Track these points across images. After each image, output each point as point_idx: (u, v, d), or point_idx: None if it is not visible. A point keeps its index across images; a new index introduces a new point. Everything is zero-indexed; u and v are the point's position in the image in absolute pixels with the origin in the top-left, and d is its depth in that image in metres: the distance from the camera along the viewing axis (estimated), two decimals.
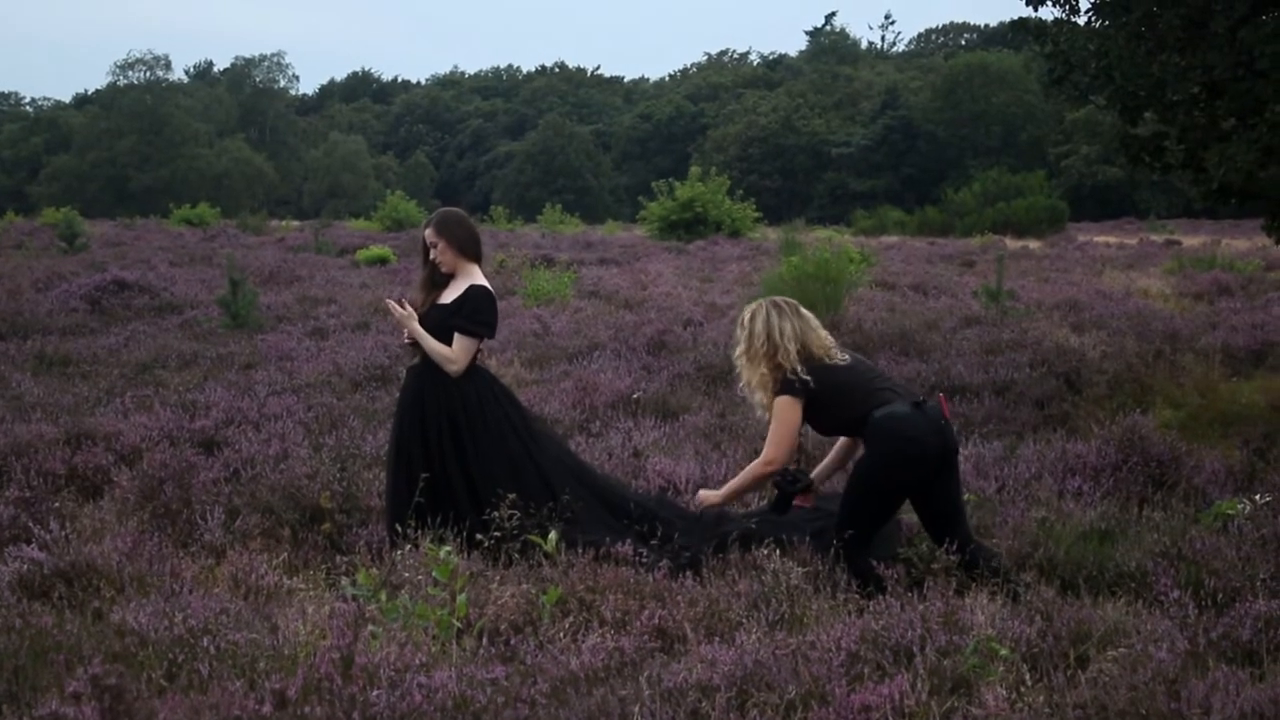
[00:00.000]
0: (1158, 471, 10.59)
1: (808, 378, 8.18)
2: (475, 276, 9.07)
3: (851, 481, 8.25)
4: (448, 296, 9.06)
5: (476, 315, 8.92)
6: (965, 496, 9.17)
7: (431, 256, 9.13)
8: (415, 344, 9.03)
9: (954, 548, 7.95)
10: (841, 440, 8.76)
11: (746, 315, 8.51)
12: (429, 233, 9.14)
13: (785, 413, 8.18)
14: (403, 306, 9.06)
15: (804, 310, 8.57)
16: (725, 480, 10.37)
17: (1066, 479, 10.48)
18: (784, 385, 8.20)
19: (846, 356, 8.50)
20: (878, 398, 8.14)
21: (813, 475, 8.83)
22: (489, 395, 9.00)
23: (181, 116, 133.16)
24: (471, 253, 9.13)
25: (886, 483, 8.04)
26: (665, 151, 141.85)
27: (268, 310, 23.38)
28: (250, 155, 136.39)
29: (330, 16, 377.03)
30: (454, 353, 8.87)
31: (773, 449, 8.25)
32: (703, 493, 8.98)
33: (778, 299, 8.62)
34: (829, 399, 8.22)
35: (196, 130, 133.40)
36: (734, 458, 11.46)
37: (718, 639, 6.86)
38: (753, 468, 8.48)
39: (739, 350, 8.48)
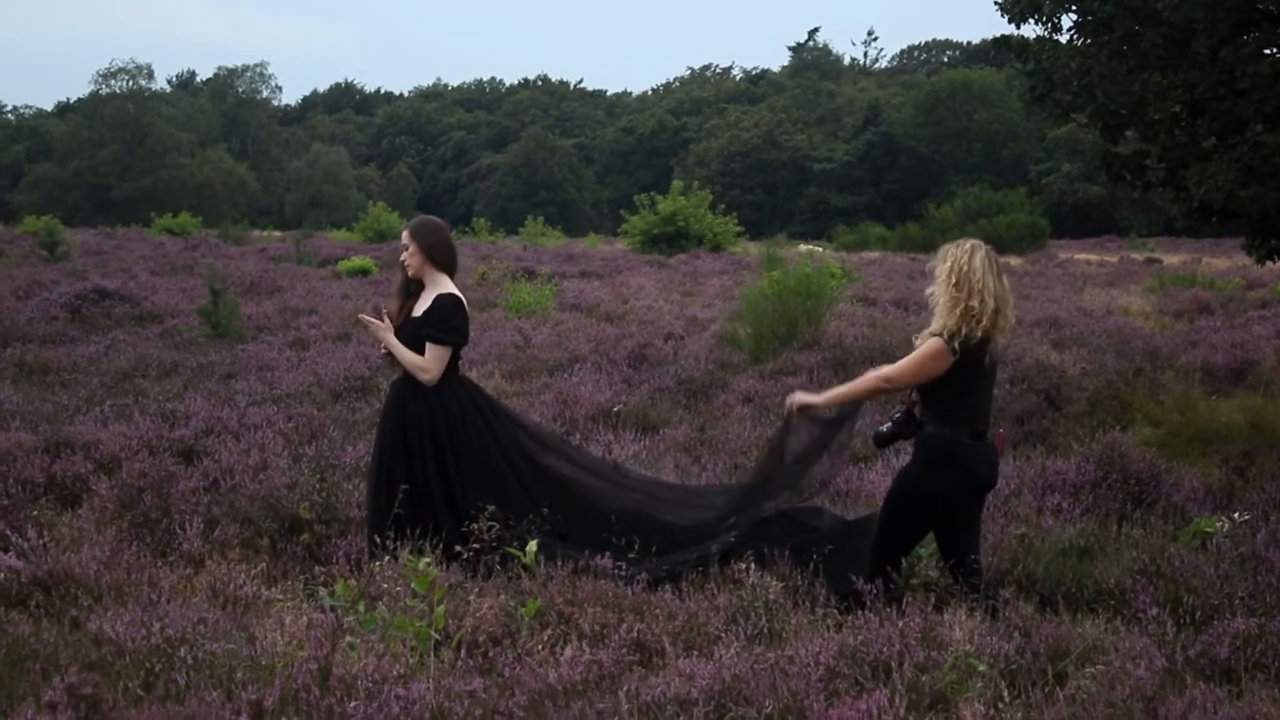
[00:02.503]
0: (1137, 489, 10.61)
1: (957, 355, 7.76)
2: (445, 286, 9.02)
3: (894, 492, 8.19)
4: (419, 308, 9.03)
5: (445, 323, 8.87)
6: None
7: (402, 259, 9.10)
8: (392, 355, 9.01)
9: (953, 564, 7.98)
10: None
11: (966, 244, 8.02)
12: (404, 235, 9.11)
13: (932, 355, 7.82)
14: (380, 318, 9.03)
15: (1004, 277, 8.10)
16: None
17: (1046, 495, 10.49)
18: (949, 336, 7.81)
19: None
20: (964, 411, 7.93)
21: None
22: (471, 407, 8.97)
23: (164, 126, 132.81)
24: (441, 261, 9.06)
25: (929, 499, 7.94)
26: (647, 165, 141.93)
27: (248, 320, 23.35)
28: (232, 165, 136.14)
29: (313, 28, 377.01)
30: (426, 362, 8.82)
31: (900, 372, 7.94)
32: (799, 394, 8.69)
33: (989, 248, 8.11)
34: (954, 380, 7.90)
35: (179, 140, 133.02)
36: (714, 471, 11.48)
37: (696, 653, 6.86)
38: (869, 378, 8.16)
39: (942, 270, 7.97)
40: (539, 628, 7.16)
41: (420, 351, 8.84)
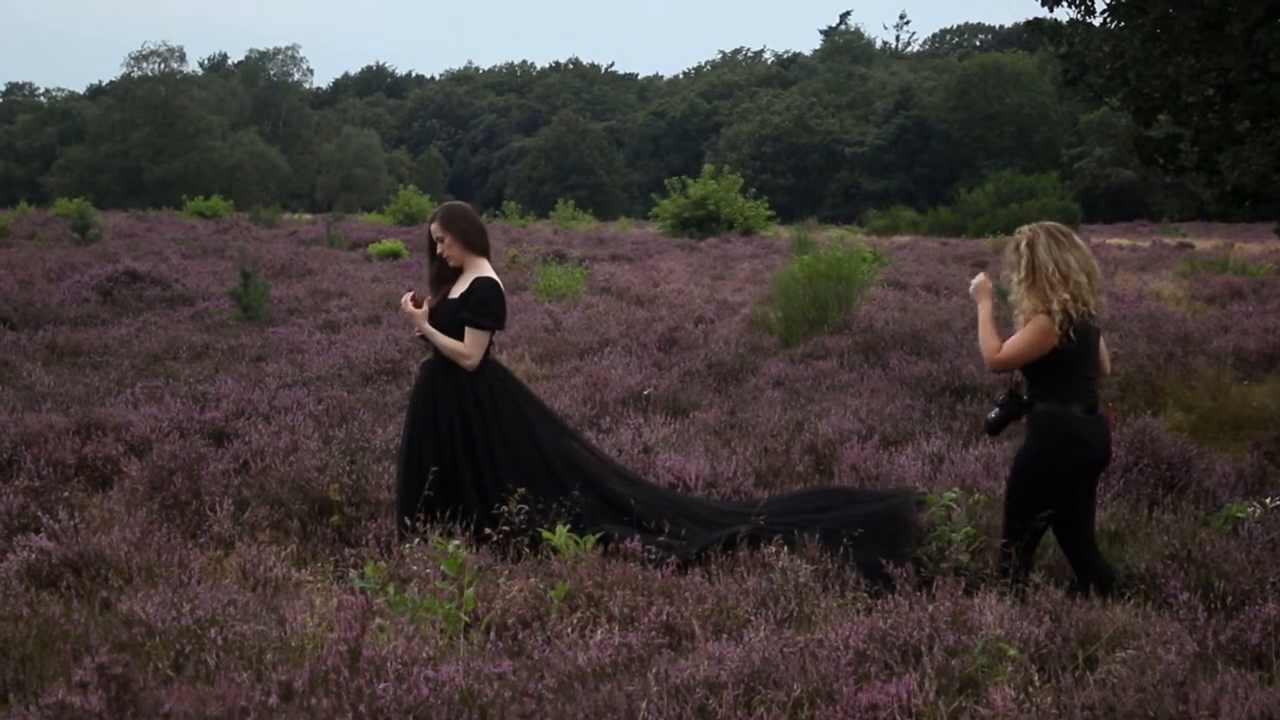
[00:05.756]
0: (1168, 474, 10.58)
1: (1082, 336, 7.79)
2: (482, 269, 9.02)
3: (1014, 477, 8.14)
4: (456, 291, 9.01)
5: (482, 307, 8.87)
6: (975, 497, 9.19)
7: (439, 251, 9.08)
8: (426, 339, 9.00)
9: (1073, 555, 8.05)
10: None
11: (1022, 241, 8.01)
12: (434, 228, 9.08)
13: (1042, 333, 7.79)
14: (417, 303, 9.02)
15: (1078, 240, 8.05)
16: (736, 477, 10.44)
17: None
18: (1059, 323, 7.73)
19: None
20: (1073, 385, 7.89)
21: None
22: (501, 390, 8.97)
23: (195, 109, 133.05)
24: (478, 245, 9.07)
25: (1049, 477, 7.91)
26: (678, 149, 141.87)
27: (279, 303, 23.42)
28: (264, 148, 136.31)
29: (345, 10, 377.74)
30: (466, 347, 8.82)
31: (1010, 347, 7.87)
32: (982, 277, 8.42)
33: (1051, 226, 8.09)
34: (1064, 357, 7.84)
35: (210, 122, 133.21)
36: (744, 454, 11.46)
37: (725, 636, 6.85)
38: (993, 343, 7.97)
39: (1017, 278, 7.98)
40: (568, 610, 7.16)
41: (454, 332, 8.84)
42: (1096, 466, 8.08)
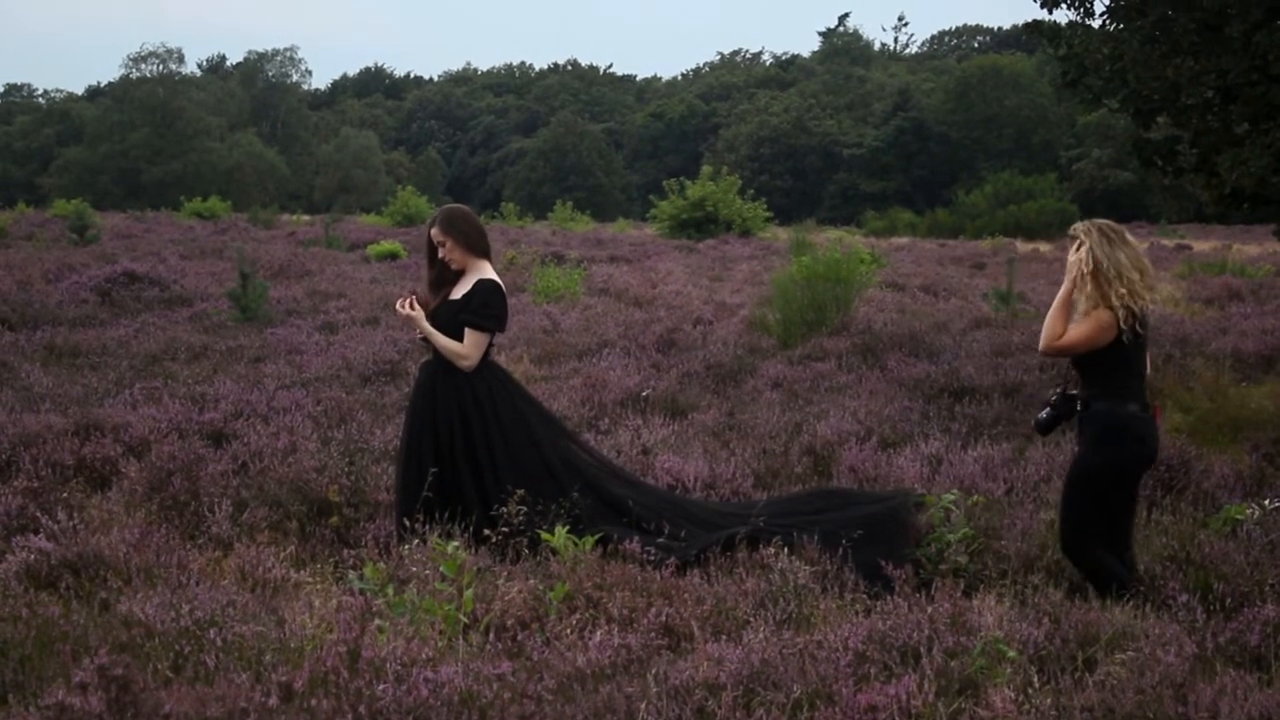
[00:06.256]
0: (1167, 475, 10.57)
1: (1140, 333, 7.82)
2: (484, 271, 9.02)
3: (1072, 479, 8.06)
4: (457, 292, 9.01)
5: (484, 309, 8.87)
6: (973, 498, 9.19)
7: (440, 255, 9.07)
8: (427, 340, 9.00)
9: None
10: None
11: (1079, 241, 8.03)
12: (435, 232, 9.07)
13: (1103, 326, 7.76)
14: (413, 305, 9.01)
15: (1130, 237, 8.09)
16: (734, 479, 10.44)
17: None
18: (1120, 313, 7.73)
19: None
20: (1129, 383, 7.88)
21: None
22: (501, 391, 8.97)
23: (194, 110, 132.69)
24: (479, 248, 9.07)
25: (1108, 475, 7.88)
26: (677, 150, 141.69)
27: (277, 304, 23.41)
28: (262, 149, 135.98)
29: (344, 12, 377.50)
30: (465, 348, 8.82)
31: (1071, 336, 7.83)
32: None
33: (1103, 224, 8.16)
34: (1122, 353, 7.84)
35: (208, 124, 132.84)
36: (743, 456, 11.46)
37: (725, 637, 6.86)
38: (1054, 325, 7.91)
39: (1083, 272, 7.91)
40: (567, 611, 7.17)
41: (454, 333, 8.84)
42: (1148, 463, 8.11)
